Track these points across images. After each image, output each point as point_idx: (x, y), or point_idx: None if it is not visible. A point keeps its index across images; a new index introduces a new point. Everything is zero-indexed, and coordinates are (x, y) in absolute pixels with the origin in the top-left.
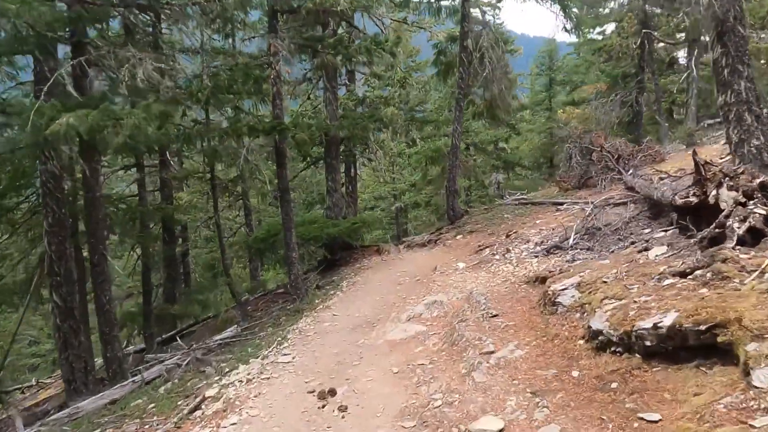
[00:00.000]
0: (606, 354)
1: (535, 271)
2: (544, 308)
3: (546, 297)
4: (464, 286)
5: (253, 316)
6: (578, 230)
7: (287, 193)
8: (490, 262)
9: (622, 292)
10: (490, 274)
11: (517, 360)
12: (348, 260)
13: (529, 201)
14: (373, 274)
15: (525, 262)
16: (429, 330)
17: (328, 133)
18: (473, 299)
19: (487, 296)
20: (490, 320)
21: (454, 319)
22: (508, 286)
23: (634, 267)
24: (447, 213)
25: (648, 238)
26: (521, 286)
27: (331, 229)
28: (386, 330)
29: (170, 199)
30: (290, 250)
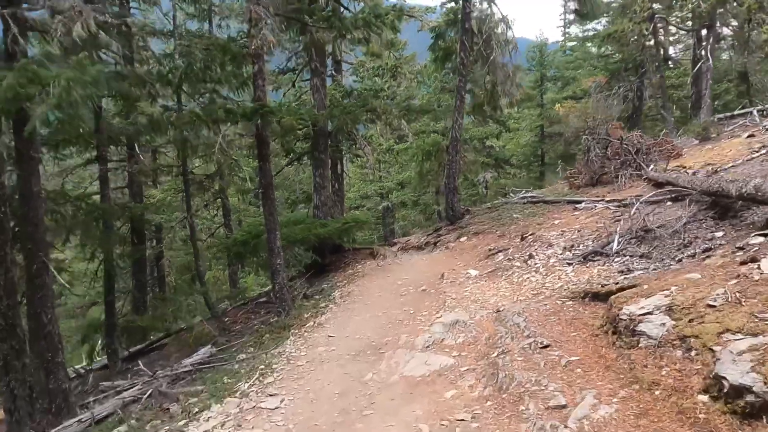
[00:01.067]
0: (763, 425)
1: (577, 283)
2: (616, 338)
3: (616, 322)
4: (485, 299)
5: (232, 330)
6: (623, 233)
7: (270, 190)
8: (509, 269)
9: (754, 324)
10: (514, 284)
11: (608, 424)
12: (339, 265)
13: (540, 199)
14: (369, 282)
15: (556, 271)
16: (459, 363)
17: (315, 124)
18: (507, 320)
19: (524, 316)
20: (541, 352)
21: (490, 349)
22: (547, 303)
23: (748, 285)
24: (446, 212)
25: (721, 242)
26: (565, 303)
27: (320, 229)
28: (399, 360)
29: (140, 197)
30: (274, 255)
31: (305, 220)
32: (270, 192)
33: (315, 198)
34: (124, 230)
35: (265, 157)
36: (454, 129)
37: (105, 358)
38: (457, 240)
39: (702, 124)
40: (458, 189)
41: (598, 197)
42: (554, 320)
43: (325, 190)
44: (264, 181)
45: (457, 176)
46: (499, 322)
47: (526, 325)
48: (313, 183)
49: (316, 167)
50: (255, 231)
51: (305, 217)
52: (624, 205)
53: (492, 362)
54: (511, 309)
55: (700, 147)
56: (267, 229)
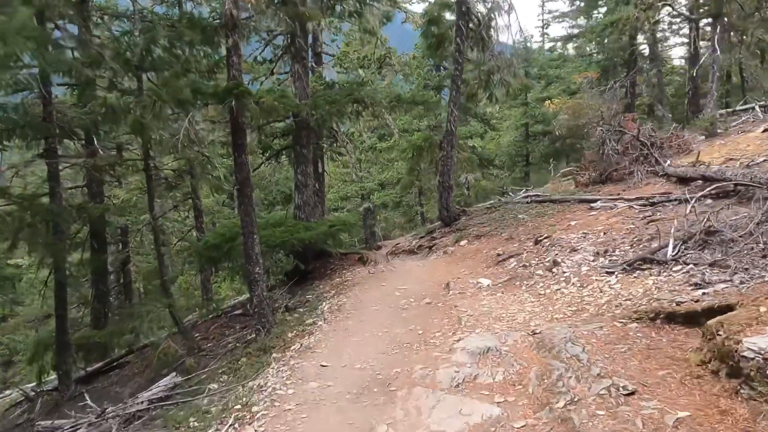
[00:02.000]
0: None
1: (630, 298)
2: (740, 384)
3: (734, 359)
4: (510, 316)
5: (202, 348)
6: (679, 236)
7: (248, 186)
8: (530, 278)
9: None
10: (543, 298)
11: None
12: (324, 272)
13: (546, 199)
14: (361, 292)
15: (593, 281)
16: (509, 415)
17: (297, 115)
18: (558, 349)
19: (580, 344)
20: (628, 402)
21: (549, 394)
22: (601, 325)
23: None
24: (440, 213)
25: None
26: (628, 326)
27: (304, 233)
28: (420, 405)
29: (100, 197)
30: (252, 262)
31: (286, 222)
32: (247, 189)
33: (296, 197)
34: (82, 234)
35: (242, 148)
36: (449, 122)
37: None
38: (456, 244)
39: (709, 119)
40: (453, 187)
41: (612, 195)
42: (624, 351)
43: (307, 189)
44: (240, 176)
45: (452, 173)
46: (545, 351)
47: (588, 357)
48: (295, 181)
49: (298, 163)
50: (229, 234)
51: (285, 219)
52: (652, 204)
53: (561, 416)
54: (555, 332)
55: (709, 143)
56: (244, 232)
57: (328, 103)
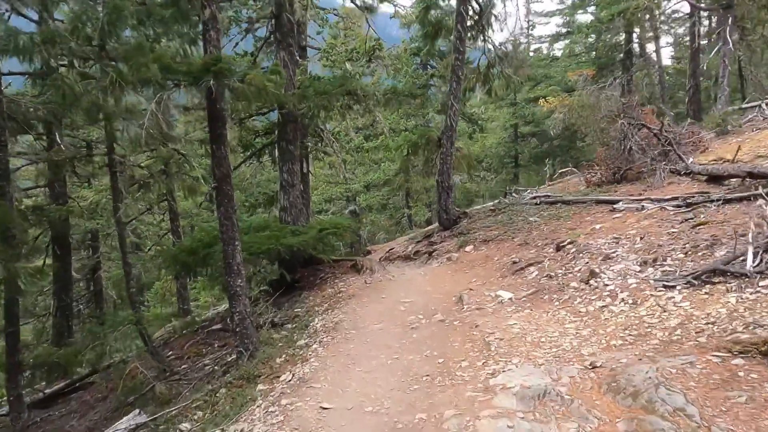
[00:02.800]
0: None
1: (713, 321)
2: None
3: None
4: (554, 342)
5: (175, 371)
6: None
7: (228, 185)
8: (562, 291)
9: None
10: (587, 317)
11: None
12: (314, 282)
13: (557, 199)
14: (359, 306)
15: (649, 297)
16: None
17: (283, 107)
18: (648, 396)
19: (677, 389)
20: None
21: None
22: (690, 358)
23: None
24: (438, 216)
25: None
26: (732, 362)
27: (291, 238)
28: None
29: (63, 198)
30: (233, 274)
31: (271, 226)
32: (227, 187)
33: (282, 199)
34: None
35: (221, 140)
36: (449, 116)
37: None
38: (461, 249)
39: (721, 115)
40: (453, 187)
41: (634, 196)
42: (744, 401)
43: (294, 189)
44: (219, 172)
45: (451, 172)
46: (626, 396)
47: (699, 412)
48: (280, 180)
49: (284, 161)
50: (207, 239)
51: (270, 223)
52: (689, 205)
53: None
54: (630, 369)
55: (722, 140)
56: (223, 239)
57: (318, 94)
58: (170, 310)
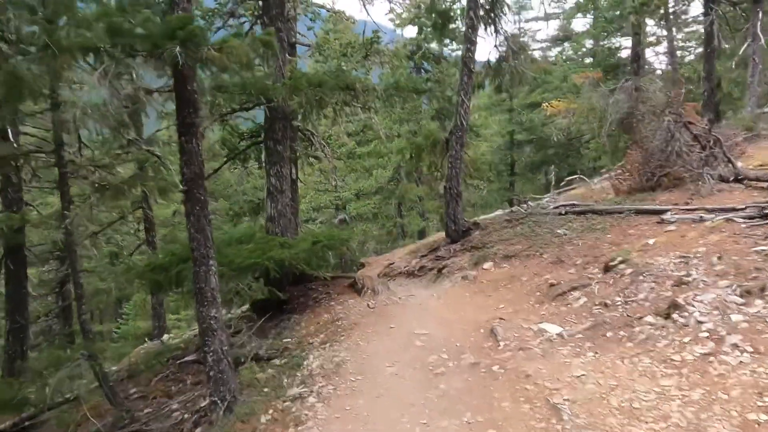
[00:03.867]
0: None
1: None
2: None
3: None
4: (652, 408)
5: (135, 417)
6: None
7: (200, 187)
8: (633, 328)
9: None
10: (688, 370)
11: None
12: (306, 303)
13: (587, 209)
14: (364, 339)
15: None
16: None
17: (270, 100)
18: None
19: None
20: None
21: None
22: None
23: None
24: (446, 227)
25: None
26: None
27: (279, 252)
28: None
29: (18, 205)
30: (206, 301)
31: (256, 238)
32: (198, 191)
33: (269, 207)
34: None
35: (191, 130)
36: (459, 114)
37: None
38: (478, 267)
39: (752, 117)
40: (461, 195)
41: (679, 205)
42: None
43: (283, 195)
44: (189, 171)
45: (461, 177)
46: None
47: None
48: (267, 186)
49: (271, 164)
50: (181, 252)
51: (254, 234)
52: (766, 216)
53: None
54: None
55: (755, 144)
56: (194, 256)
57: (312, 87)
58: (148, 323)
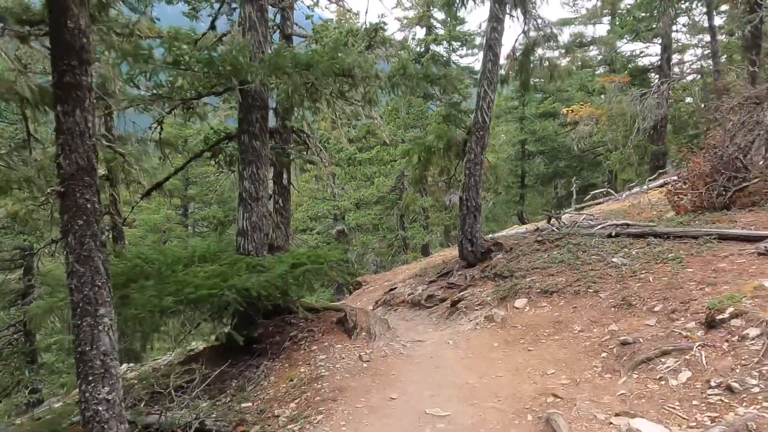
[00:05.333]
0: None
1: None
2: None
3: None
4: None
5: None
6: None
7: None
8: None
9: None
10: None
11: None
12: (282, 344)
13: (647, 231)
14: (355, 415)
15: None
16: None
17: (245, 82)
18: None
19: None
20: None
21: None
22: None
23: None
24: (461, 247)
25: None
26: None
27: (245, 278)
28: None
29: None
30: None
31: (221, 257)
32: (83, 194)
33: (240, 218)
34: None
35: (74, 94)
36: (481, 110)
37: None
38: (507, 304)
39: None
40: (480, 208)
41: None
42: None
43: (259, 203)
44: (67, 162)
45: (480, 186)
46: None
47: None
48: (239, 191)
49: (246, 163)
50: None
51: (220, 251)
52: None
53: None
54: None
55: None
56: (73, 301)
57: (299, 67)
58: None
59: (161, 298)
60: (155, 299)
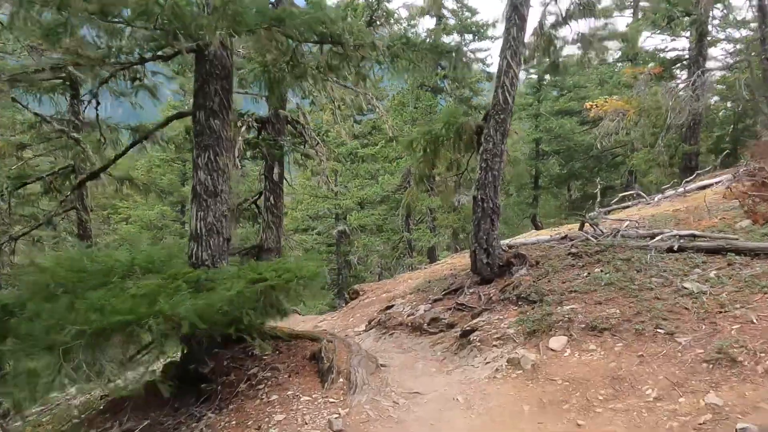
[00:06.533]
0: None
1: None
2: None
3: None
4: None
5: None
6: None
7: None
8: None
9: None
10: None
11: None
12: (236, 386)
13: (725, 245)
14: None
15: None
16: None
17: (196, 37)
18: None
19: None
20: None
21: None
22: None
23: None
24: (473, 258)
25: None
26: None
27: (179, 301)
28: None
29: None
30: None
31: (163, 271)
32: None
33: (193, 217)
34: None
35: None
36: (503, 87)
37: None
38: (538, 341)
39: None
40: (499, 210)
41: None
42: None
43: (217, 199)
44: None
45: (499, 182)
46: None
47: None
48: (193, 182)
49: (202, 147)
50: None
51: (174, 256)
52: None
53: None
54: None
55: None
56: None
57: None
58: None
59: (56, 329)
60: (49, 330)
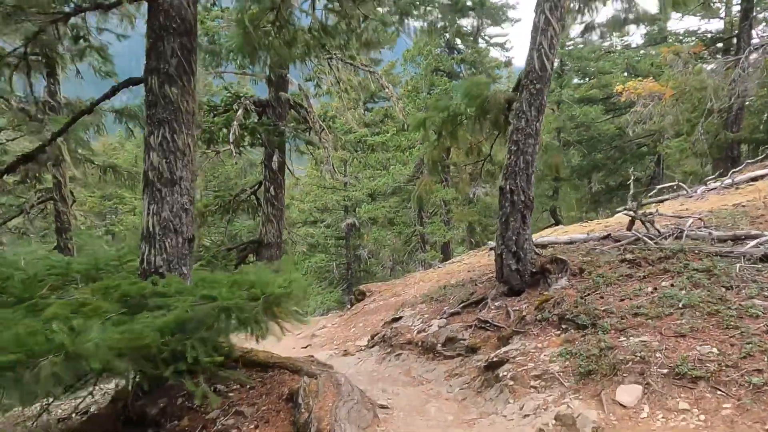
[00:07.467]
0: None
1: None
2: None
3: None
4: None
5: None
6: None
7: None
8: None
9: None
10: None
11: None
12: None
13: None
14: None
15: None
16: None
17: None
18: None
19: None
20: None
21: None
22: None
23: None
24: (499, 262)
25: None
26: None
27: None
28: None
29: None
30: None
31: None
32: None
33: (145, 212)
34: None
35: None
36: (539, 50)
37: None
38: (596, 388)
39: None
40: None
41: None
42: None
43: (175, 189)
44: None
45: (533, 169)
46: None
47: None
48: (145, 168)
49: (156, 123)
50: None
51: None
52: None
53: None
54: None
55: None
56: None
57: None
58: None
59: None
60: None
